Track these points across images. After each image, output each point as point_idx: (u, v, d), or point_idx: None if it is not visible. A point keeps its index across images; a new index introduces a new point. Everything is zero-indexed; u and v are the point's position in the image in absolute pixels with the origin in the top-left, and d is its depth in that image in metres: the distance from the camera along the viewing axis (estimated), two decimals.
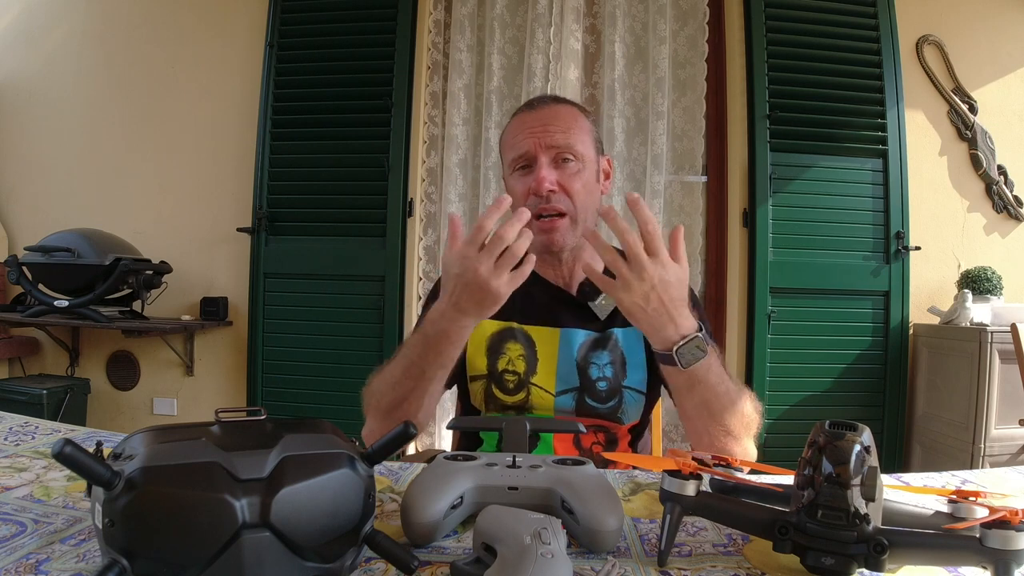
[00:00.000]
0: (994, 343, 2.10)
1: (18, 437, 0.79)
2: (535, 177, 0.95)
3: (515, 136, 1.00)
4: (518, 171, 0.99)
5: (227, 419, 0.45)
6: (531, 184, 0.96)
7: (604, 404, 0.98)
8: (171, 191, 2.70)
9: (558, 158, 0.96)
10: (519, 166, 0.99)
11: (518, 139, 0.99)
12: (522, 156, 0.98)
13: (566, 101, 1.05)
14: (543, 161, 0.95)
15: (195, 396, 2.67)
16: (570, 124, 0.99)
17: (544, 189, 0.94)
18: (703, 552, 0.52)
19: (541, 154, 0.96)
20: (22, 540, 0.49)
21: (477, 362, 1.01)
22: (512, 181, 1.01)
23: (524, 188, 0.97)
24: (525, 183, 0.97)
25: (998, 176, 2.51)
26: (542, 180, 0.94)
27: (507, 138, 1.03)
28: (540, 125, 0.98)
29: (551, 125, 0.97)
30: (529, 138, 0.97)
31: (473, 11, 2.51)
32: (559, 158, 0.96)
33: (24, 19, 2.84)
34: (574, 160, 0.97)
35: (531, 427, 0.71)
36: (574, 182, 0.96)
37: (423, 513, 0.51)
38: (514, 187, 1.00)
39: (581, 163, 0.98)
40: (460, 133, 2.49)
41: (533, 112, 1.01)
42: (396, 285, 2.43)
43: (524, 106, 1.06)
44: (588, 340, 1.00)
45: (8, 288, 2.66)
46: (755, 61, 2.39)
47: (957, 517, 0.50)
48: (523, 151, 0.97)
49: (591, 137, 1.02)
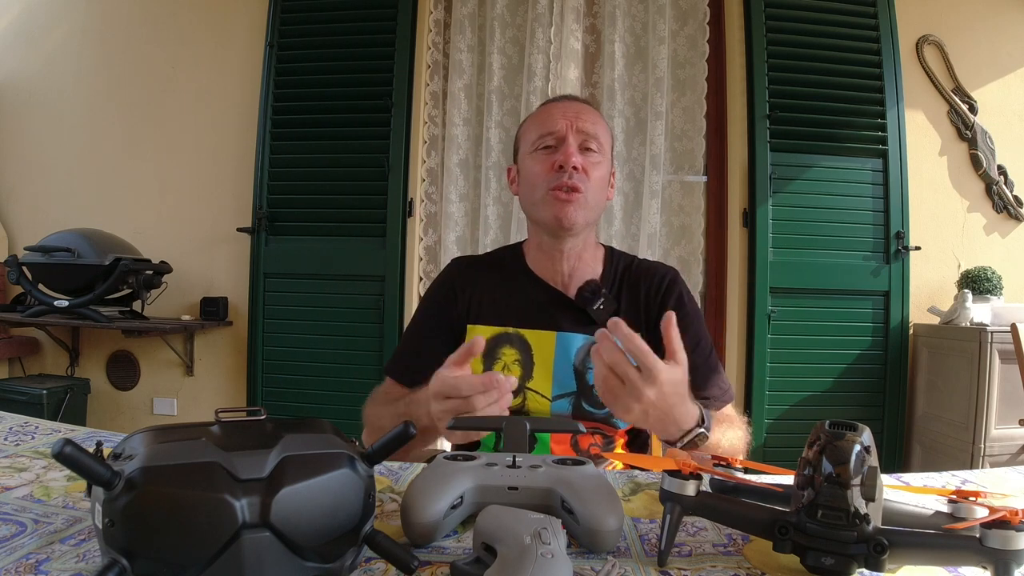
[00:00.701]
0: (994, 343, 2.10)
1: (18, 437, 0.79)
2: (563, 151, 0.98)
3: (545, 118, 1.03)
4: (541, 151, 1.01)
5: (227, 419, 0.45)
6: (557, 158, 0.98)
7: (601, 409, 0.98)
8: (171, 191, 2.70)
9: (584, 145, 1.00)
10: (543, 145, 1.01)
11: (551, 118, 1.01)
12: (551, 134, 1.00)
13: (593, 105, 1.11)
14: (571, 140, 0.98)
15: (195, 396, 2.67)
16: (597, 120, 1.04)
17: (572, 163, 0.96)
18: (703, 552, 0.52)
19: (571, 135, 0.99)
20: (22, 540, 0.49)
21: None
22: (531, 160, 1.02)
23: (546, 165, 0.99)
24: (548, 160, 0.99)
25: (998, 176, 2.51)
26: (571, 155, 0.97)
27: (532, 121, 1.06)
28: (572, 112, 1.02)
29: (583, 115, 1.02)
30: (562, 119, 1.00)
31: (474, 11, 2.51)
32: (584, 145, 1.00)
33: (24, 19, 2.84)
34: (596, 152, 1.01)
35: (530, 427, 0.71)
36: (594, 170, 1.00)
37: (423, 513, 0.51)
38: (533, 166, 1.01)
39: (602, 156, 1.01)
40: (460, 133, 2.49)
41: (565, 101, 1.05)
42: (396, 285, 2.43)
43: (555, 97, 1.11)
44: (586, 344, 1.00)
45: (8, 288, 2.66)
46: (755, 61, 2.39)
47: (957, 517, 0.50)
48: (554, 128, 1.00)
49: (610, 140, 1.06)
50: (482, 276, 1.08)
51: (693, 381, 0.96)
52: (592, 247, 1.07)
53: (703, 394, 0.98)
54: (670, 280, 1.06)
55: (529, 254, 1.09)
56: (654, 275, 1.06)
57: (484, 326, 1.03)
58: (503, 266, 1.10)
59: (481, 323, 1.04)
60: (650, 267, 1.08)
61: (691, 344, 0.98)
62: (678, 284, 1.06)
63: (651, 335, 0.98)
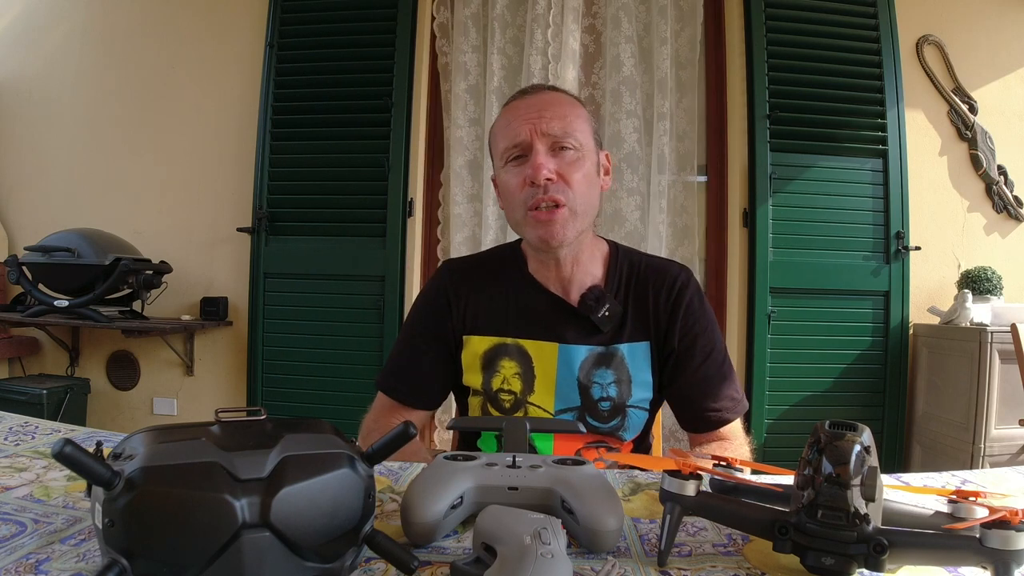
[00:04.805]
0: (994, 343, 2.10)
1: (18, 437, 0.79)
2: (531, 164, 0.87)
3: (508, 124, 0.91)
4: (511, 162, 0.91)
5: (227, 419, 0.45)
6: (527, 173, 0.87)
7: (606, 424, 0.94)
8: (171, 191, 2.70)
9: (555, 146, 0.89)
10: (512, 156, 0.90)
11: (512, 126, 0.90)
12: (516, 145, 0.89)
13: (561, 90, 0.97)
14: (539, 148, 0.87)
15: (195, 396, 2.67)
16: (567, 111, 0.91)
17: (541, 177, 0.86)
18: (703, 552, 0.52)
19: (537, 141, 0.88)
20: (22, 540, 0.49)
21: (473, 380, 0.97)
22: (505, 175, 0.92)
23: (520, 179, 0.89)
24: (520, 173, 0.89)
25: (998, 176, 2.51)
26: (539, 167, 0.86)
27: (498, 128, 0.94)
28: (535, 111, 0.89)
29: (547, 111, 0.89)
30: (524, 124, 0.89)
31: (478, 11, 2.51)
32: (556, 146, 0.89)
33: (24, 19, 2.84)
34: (573, 149, 0.89)
35: (531, 427, 0.71)
36: (573, 171, 0.88)
37: (423, 513, 0.51)
38: (508, 181, 0.91)
39: (580, 152, 0.90)
40: (466, 135, 2.49)
41: (527, 99, 0.92)
42: (396, 285, 2.43)
43: (517, 93, 0.96)
44: (591, 356, 0.93)
45: (8, 288, 2.66)
46: (755, 61, 2.39)
47: (957, 517, 0.49)
48: (517, 139, 0.89)
49: (589, 127, 0.94)
50: (477, 282, 1.00)
51: (703, 391, 0.94)
52: (590, 246, 0.97)
53: (715, 404, 0.93)
54: (681, 284, 0.97)
55: (527, 255, 1.00)
56: (664, 277, 0.97)
57: (481, 336, 0.96)
58: (499, 270, 1.00)
59: (477, 334, 0.97)
60: (659, 267, 0.99)
61: (703, 354, 0.95)
62: (690, 288, 0.97)
63: (660, 343, 0.96)
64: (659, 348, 0.96)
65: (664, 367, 0.96)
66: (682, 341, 0.95)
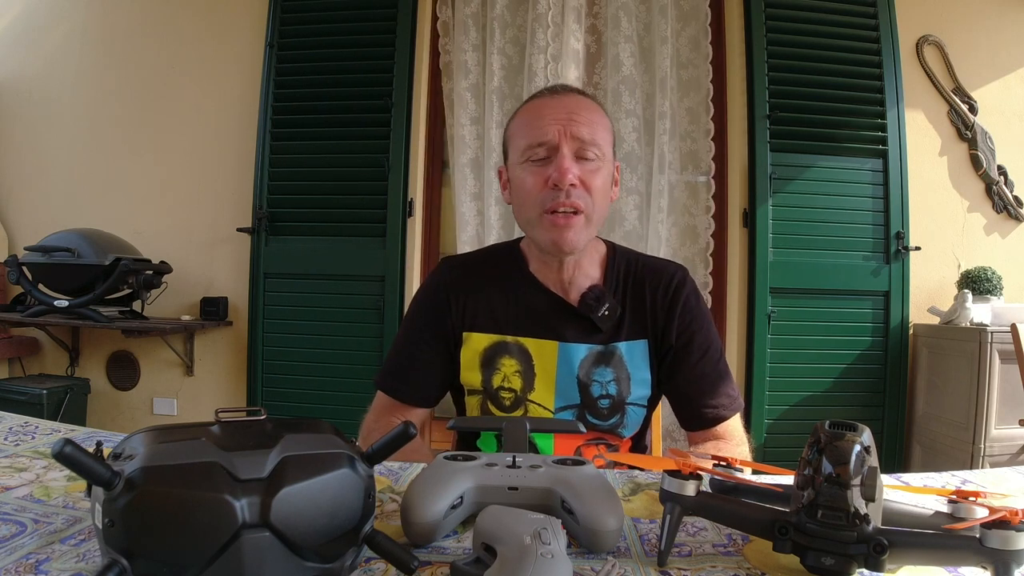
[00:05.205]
0: (994, 343, 2.10)
1: (18, 437, 0.79)
2: (557, 168, 0.86)
3: (534, 121, 0.90)
4: (532, 162, 0.89)
5: (227, 419, 0.45)
6: (551, 175, 0.86)
7: (606, 421, 0.95)
8: (171, 191, 2.70)
9: (580, 152, 0.88)
10: (535, 156, 0.89)
11: (537, 124, 0.89)
12: (541, 144, 0.88)
13: (589, 95, 0.96)
14: (566, 152, 0.87)
15: (195, 396, 2.67)
16: (594, 118, 0.91)
17: (567, 182, 0.86)
18: (703, 552, 0.52)
19: (564, 144, 0.87)
20: (22, 540, 0.49)
21: (471, 378, 0.97)
22: (522, 172, 0.91)
23: (539, 180, 0.88)
24: (541, 174, 0.88)
25: (998, 176, 2.51)
26: (566, 172, 0.86)
27: (521, 124, 0.93)
28: (564, 113, 0.88)
29: (576, 115, 0.89)
30: (553, 125, 0.88)
31: (478, 11, 2.51)
32: (581, 152, 0.88)
33: (24, 19, 2.84)
34: (596, 157, 0.89)
35: (531, 427, 0.71)
36: (595, 179, 0.88)
37: (423, 513, 0.51)
38: (524, 179, 0.90)
39: (601, 161, 0.90)
40: (469, 133, 2.49)
41: (557, 98, 0.91)
42: (396, 285, 2.43)
43: (544, 91, 0.95)
44: (590, 355, 0.94)
45: (8, 288, 2.66)
46: (755, 61, 2.39)
47: (957, 517, 0.49)
48: (544, 138, 0.88)
49: (611, 136, 0.94)
50: (476, 279, 0.99)
51: (701, 389, 0.95)
52: (590, 248, 0.98)
53: (711, 403, 0.94)
54: (678, 282, 0.98)
55: (528, 255, 1.01)
56: (661, 276, 0.98)
57: (481, 334, 0.97)
58: (499, 268, 1.01)
59: (477, 331, 0.97)
60: (656, 267, 1.00)
61: (700, 351, 0.96)
62: (686, 287, 0.98)
63: (657, 341, 0.97)
64: (657, 346, 0.97)
65: (662, 365, 0.98)
66: (679, 339, 0.96)
